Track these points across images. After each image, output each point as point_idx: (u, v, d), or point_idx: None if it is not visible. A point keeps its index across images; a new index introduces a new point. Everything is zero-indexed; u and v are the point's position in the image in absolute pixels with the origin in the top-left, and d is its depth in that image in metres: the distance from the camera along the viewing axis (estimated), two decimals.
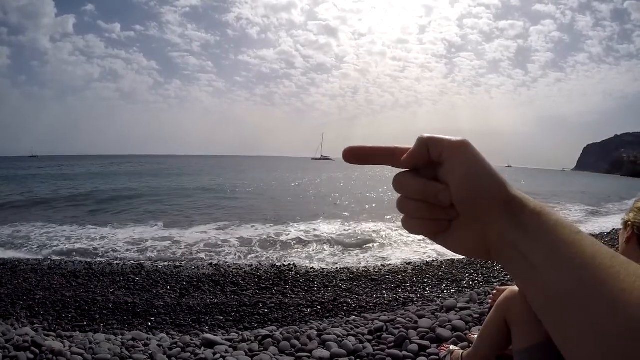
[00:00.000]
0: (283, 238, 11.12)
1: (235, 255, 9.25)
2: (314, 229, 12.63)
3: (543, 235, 0.39)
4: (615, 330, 0.32)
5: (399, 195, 0.46)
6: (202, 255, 9.25)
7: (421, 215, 0.45)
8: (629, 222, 1.70)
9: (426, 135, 0.44)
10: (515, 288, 1.89)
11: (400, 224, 0.49)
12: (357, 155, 0.47)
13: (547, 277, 0.37)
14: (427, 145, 0.44)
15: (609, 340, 0.32)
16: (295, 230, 12.28)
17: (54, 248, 9.65)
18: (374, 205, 20.96)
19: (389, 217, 15.25)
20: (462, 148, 0.43)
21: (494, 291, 2.25)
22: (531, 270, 0.38)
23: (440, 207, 0.44)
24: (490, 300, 2.32)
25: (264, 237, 11.26)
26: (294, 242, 10.77)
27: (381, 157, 0.47)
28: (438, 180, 0.44)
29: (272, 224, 13.31)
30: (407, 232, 0.47)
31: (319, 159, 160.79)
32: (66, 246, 9.78)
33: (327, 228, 12.95)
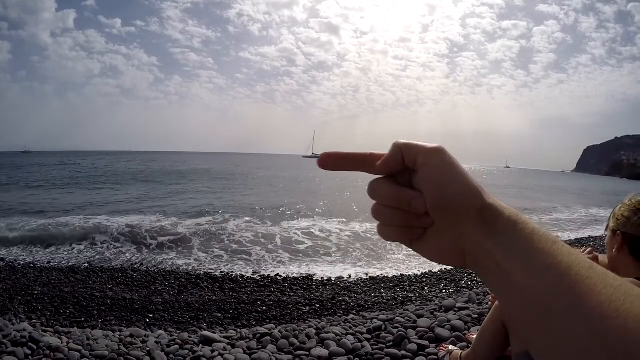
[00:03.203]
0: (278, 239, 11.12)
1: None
2: (310, 228, 12.64)
3: (518, 245, 0.38)
4: (591, 344, 0.31)
5: (374, 202, 0.45)
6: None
7: (395, 222, 0.44)
8: (618, 232, 1.66)
9: (401, 141, 0.43)
10: None
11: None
12: (332, 162, 0.45)
13: (523, 287, 0.36)
14: (401, 151, 0.43)
15: (585, 353, 0.31)
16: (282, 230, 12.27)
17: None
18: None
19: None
20: (437, 154, 0.42)
21: (492, 296, 2.24)
22: (506, 280, 0.37)
23: (415, 214, 0.43)
24: (490, 299, 2.32)
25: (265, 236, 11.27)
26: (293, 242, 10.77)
27: (356, 163, 0.46)
28: (413, 187, 0.43)
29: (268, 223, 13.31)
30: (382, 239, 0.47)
31: (310, 157, 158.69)
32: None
33: (325, 225, 12.95)
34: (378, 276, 7.63)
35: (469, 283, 7.03)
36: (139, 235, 10.55)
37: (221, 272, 7.74)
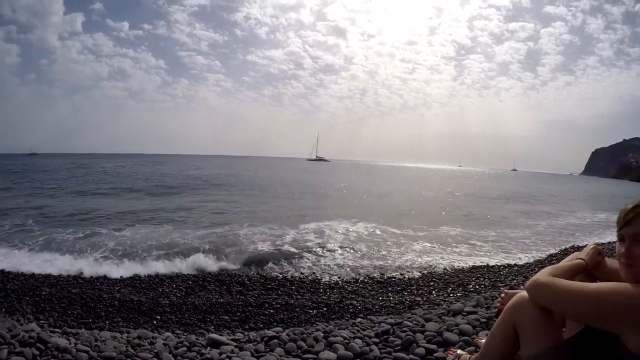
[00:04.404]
0: (290, 239, 11.11)
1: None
2: (320, 230, 12.61)
3: None
4: None
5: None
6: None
7: None
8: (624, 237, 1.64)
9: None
10: (524, 293, 1.86)
11: (405, 230, 0.47)
12: None
13: None
14: None
15: None
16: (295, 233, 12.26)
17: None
18: (378, 206, 20.94)
19: (395, 221, 15.23)
20: None
21: (502, 295, 2.22)
22: None
23: None
24: (498, 304, 2.29)
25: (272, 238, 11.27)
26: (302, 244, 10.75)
27: None
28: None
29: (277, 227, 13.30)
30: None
31: (314, 159, 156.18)
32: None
33: (334, 229, 12.92)
34: (385, 279, 7.59)
35: (477, 287, 6.99)
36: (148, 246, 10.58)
37: (228, 274, 7.73)
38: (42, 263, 8.13)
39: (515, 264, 9.13)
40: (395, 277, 7.78)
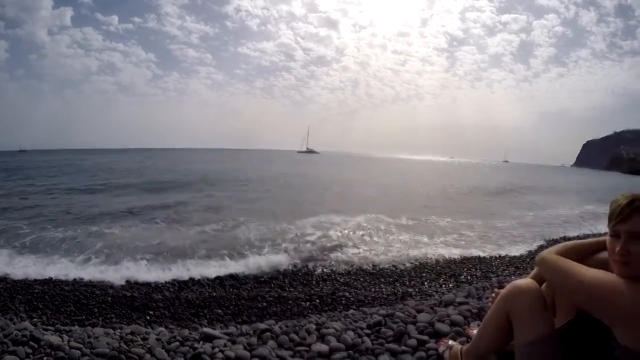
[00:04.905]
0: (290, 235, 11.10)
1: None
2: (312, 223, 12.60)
3: None
4: None
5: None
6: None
7: None
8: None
9: None
10: (518, 282, 1.89)
11: (403, 219, 0.47)
12: None
13: None
14: None
15: None
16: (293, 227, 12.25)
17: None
18: (370, 198, 20.98)
19: (387, 211, 15.27)
20: None
21: (493, 294, 2.23)
22: None
23: None
24: (490, 303, 2.31)
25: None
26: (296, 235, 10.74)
27: None
28: None
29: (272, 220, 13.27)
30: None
31: (305, 152, 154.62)
32: None
33: (327, 222, 12.91)
34: (378, 271, 7.64)
35: (469, 278, 7.06)
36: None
37: (223, 269, 7.69)
38: (29, 264, 7.73)
39: (506, 255, 9.21)
40: (387, 269, 7.82)
